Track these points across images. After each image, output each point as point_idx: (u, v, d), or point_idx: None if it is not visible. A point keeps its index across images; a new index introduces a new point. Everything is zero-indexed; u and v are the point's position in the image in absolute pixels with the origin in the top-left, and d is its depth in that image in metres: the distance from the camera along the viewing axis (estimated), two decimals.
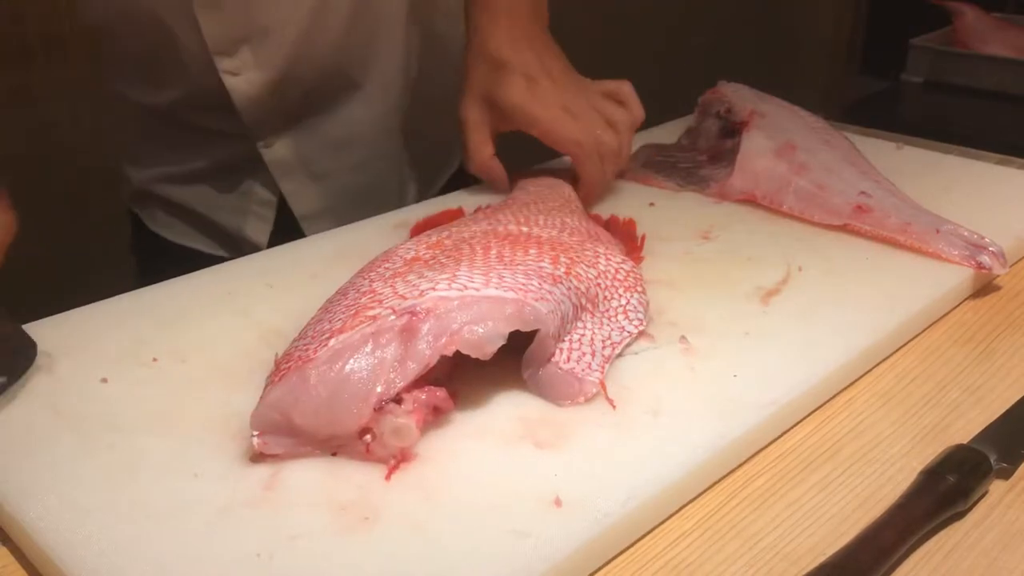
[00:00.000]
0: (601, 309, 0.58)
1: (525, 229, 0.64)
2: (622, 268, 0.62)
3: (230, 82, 0.87)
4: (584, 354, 0.54)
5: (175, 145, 0.95)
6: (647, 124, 0.98)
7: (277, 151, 0.92)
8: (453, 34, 0.93)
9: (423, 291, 0.51)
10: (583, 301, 0.57)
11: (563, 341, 0.54)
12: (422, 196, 1.00)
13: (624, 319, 0.58)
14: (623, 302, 0.59)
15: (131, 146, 0.98)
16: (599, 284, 0.59)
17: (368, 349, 0.48)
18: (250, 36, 0.85)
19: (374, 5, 0.90)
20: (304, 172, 0.93)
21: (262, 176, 0.94)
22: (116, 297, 0.64)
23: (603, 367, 0.54)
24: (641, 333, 0.58)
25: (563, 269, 0.57)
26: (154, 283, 0.67)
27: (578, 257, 0.60)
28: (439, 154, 1.03)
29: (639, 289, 0.61)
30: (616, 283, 0.60)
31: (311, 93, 0.91)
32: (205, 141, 0.93)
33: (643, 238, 0.71)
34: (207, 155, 0.94)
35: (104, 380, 0.55)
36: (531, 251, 0.59)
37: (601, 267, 0.60)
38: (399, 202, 0.97)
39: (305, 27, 0.86)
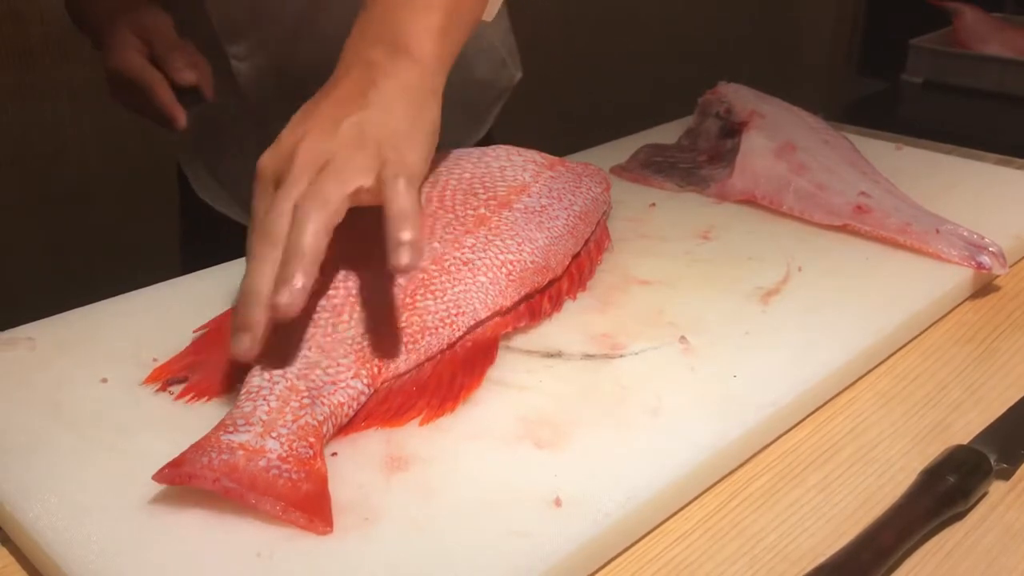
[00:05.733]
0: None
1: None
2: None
3: (237, 67, 0.89)
4: None
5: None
6: (647, 124, 0.98)
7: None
8: None
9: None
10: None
11: None
12: None
13: None
14: None
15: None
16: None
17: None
18: (254, 20, 0.87)
19: None
20: None
21: None
22: (116, 297, 0.64)
23: None
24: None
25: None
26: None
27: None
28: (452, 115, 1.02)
29: None
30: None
31: (315, 75, 0.92)
32: (226, 117, 0.95)
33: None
34: (229, 130, 0.96)
35: (104, 380, 0.55)
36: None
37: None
38: None
39: (302, 8, 0.87)
